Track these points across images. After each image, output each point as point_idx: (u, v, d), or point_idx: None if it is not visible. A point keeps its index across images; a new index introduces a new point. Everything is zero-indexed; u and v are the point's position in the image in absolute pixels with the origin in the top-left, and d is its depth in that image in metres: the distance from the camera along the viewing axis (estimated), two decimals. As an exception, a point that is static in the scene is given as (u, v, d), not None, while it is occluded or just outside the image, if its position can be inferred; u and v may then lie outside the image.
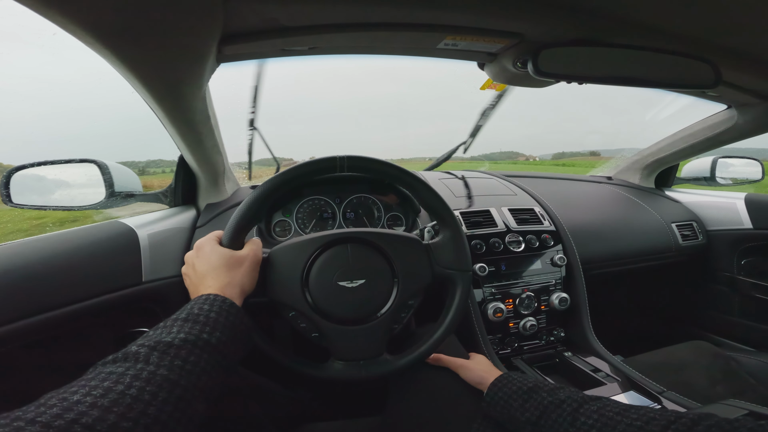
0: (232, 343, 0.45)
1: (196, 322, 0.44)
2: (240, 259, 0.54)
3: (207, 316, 0.45)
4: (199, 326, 0.43)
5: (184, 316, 0.44)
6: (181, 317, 0.44)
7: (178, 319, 0.44)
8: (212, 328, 0.44)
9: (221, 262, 0.53)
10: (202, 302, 0.46)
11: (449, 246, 0.66)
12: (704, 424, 0.40)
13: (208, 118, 0.79)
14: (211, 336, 0.43)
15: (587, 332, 0.99)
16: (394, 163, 0.68)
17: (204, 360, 0.41)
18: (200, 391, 0.39)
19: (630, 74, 0.71)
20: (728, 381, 0.86)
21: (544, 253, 1.03)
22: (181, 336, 0.41)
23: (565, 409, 0.52)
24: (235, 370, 0.47)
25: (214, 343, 0.42)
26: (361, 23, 0.61)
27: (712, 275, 1.35)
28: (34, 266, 0.65)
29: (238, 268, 0.53)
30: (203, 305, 0.46)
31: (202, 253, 0.55)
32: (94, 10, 0.43)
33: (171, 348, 0.39)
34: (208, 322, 0.44)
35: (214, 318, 0.45)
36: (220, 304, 0.47)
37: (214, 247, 0.55)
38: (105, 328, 0.81)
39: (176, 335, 0.41)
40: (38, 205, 0.81)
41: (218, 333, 0.44)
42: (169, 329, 0.42)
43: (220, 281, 0.51)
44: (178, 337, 0.41)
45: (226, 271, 0.52)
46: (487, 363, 0.71)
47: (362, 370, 0.61)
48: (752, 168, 1.43)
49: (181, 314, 0.45)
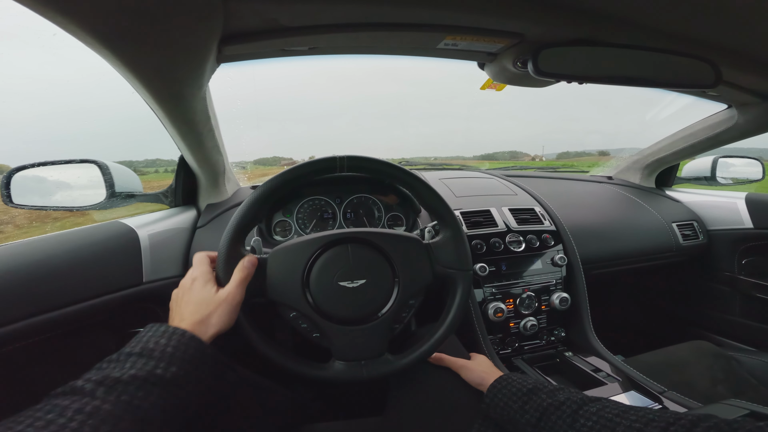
0: (191, 377, 0.44)
1: (151, 357, 0.43)
2: (219, 301, 0.53)
3: (162, 351, 0.44)
4: (153, 362, 0.42)
5: (138, 351, 0.43)
6: (135, 351, 0.43)
7: (132, 353, 0.43)
8: (168, 363, 0.43)
9: (201, 301, 0.53)
10: (159, 336, 0.46)
11: (449, 245, 0.66)
12: (703, 425, 0.40)
13: (209, 119, 0.79)
14: (166, 371, 0.42)
15: (588, 332, 0.99)
16: (395, 162, 0.68)
17: (155, 395, 0.40)
18: (149, 425, 0.39)
19: (630, 74, 0.71)
20: (729, 381, 0.86)
21: (545, 253, 1.03)
22: (131, 372, 0.40)
23: (564, 411, 0.52)
24: (199, 402, 0.46)
25: (168, 378, 0.42)
26: (361, 23, 0.61)
27: (712, 275, 1.35)
28: (35, 267, 0.66)
29: (215, 308, 0.52)
30: (160, 339, 0.45)
31: (192, 290, 0.55)
32: (94, 10, 0.43)
33: (119, 383, 0.39)
34: (164, 357, 0.43)
35: (171, 352, 0.44)
36: (179, 338, 0.46)
37: (202, 286, 0.54)
38: (106, 328, 0.81)
39: (127, 371, 0.40)
40: (39, 206, 0.81)
41: (174, 368, 0.43)
42: (122, 365, 0.42)
43: (194, 318, 0.51)
44: (128, 373, 0.40)
45: (202, 309, 0.52)
46: (488, 363, 0.71)
47: (364, 370, 0.61)
48: (753, 168, 1.43)
49: (135, 348, 0.44)
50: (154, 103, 0.67)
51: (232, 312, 0.53)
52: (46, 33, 0.46)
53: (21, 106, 3.61)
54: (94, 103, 5.27)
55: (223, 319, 0.52)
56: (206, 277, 0.55)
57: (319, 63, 0.76)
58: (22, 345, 0.62)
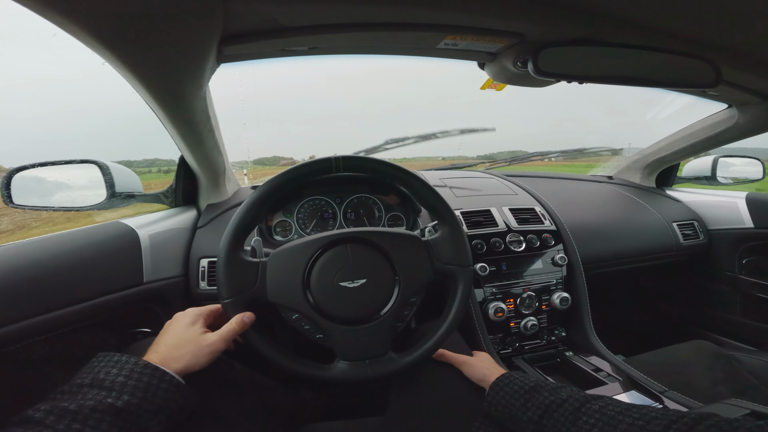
0: (149, 405, 0.45)
1: (101, 387, 0.44)
2: (201, 344, 0.54)
3: (113, 381, 0.45)
4: (104, 392, 0.43)
5: (89, 382, 0.44)
6: (85, 383, 0.44)
7: (83, 385, 0.44)
8: (119, 392, 0.44)
9: (184, 337, 0.54)
10: (111, 366, 0.47)
11: (449, 242, 0.66)
12: (705, 423, 0.40)
13: (209, 119, 0.79)
14: (117, 399, 0.43)
15: (588, 332, 0.99)
16: (395, 162, 0.68)
17: (107, 422, 0.41)
18: None
19: (630, 74, 0.71)
20: (730, 380, 0.86)
21: (545, 253, 1.03)
22: (81, 402, 0.42)
23: (567, 409, 0.52)
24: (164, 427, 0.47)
25: (120, 407, 0.43)
26: (361, 23, 0.61)
27: (713, 274, 1.35)
28: (36, 267, 0.66)
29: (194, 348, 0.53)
30: (111, 369, 0.46)
31: (177, 324, 0.56)
32: (94, 11, 0.43)
33: (67, 413, 0.40)
34: (114, 387, 0.44)
35: (122, 381, 0.45)
36: (131, 367, 0.47)
37: (191, 324, 0.56)
38: (106, 328, 0.81)
39: (78, 402, 0.42)
40: (39, 206, 0.81)
41: (126, 396, 0.44)
42: (74, 396, 0.43)
43: (169, 349, 0.52)
44: (77, 403, 0.41)
45: (182, 345, 0.53)
46: (490, 361, 0.71)
47: (368, 369, 0.61)
48: (753, 167, 1.43)
49: (86, 379, 0.45)
50: (154, 103, 0.67)
51: (209, 357, 0.54)
52: (46, 33, 0.46)
53: (21, 107, 3.60)
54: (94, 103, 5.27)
55: (198, 360, 0.53)
56: (200, 320, 0.57)
57: (319, 63, 0.76)
58: (23, 345, 0.62)
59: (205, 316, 0.58)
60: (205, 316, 0.58)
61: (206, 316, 0.59)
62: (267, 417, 0.68)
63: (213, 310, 0.60)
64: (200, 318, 0.57)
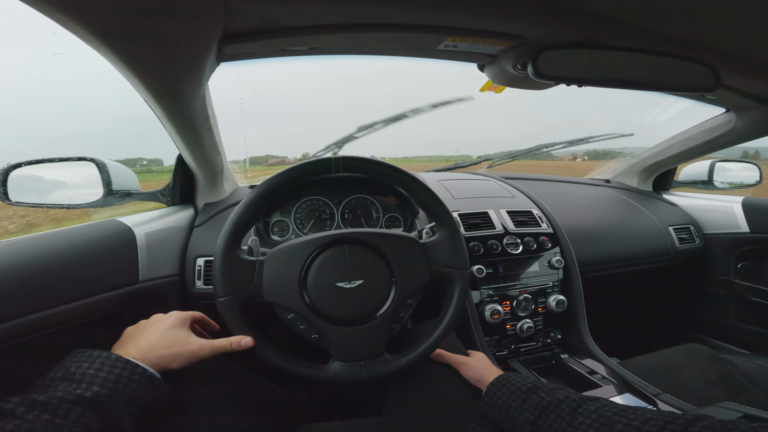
0: (119, 396, 0.46)
1: (72, 380, 0.45)
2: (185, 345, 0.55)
3: (83, 373, 0.46)
4: (74, 384, 0.44)
5: (60, 376, 0.45)
6: (57, 377, 0.45)
7: (55, 378, 0.45)
8: (88, 383, 0.45)
9: (170, 336, 0.55)
10: (83, 360, 0.48)
11: (446, 244, 0.67)
12: (699, 425, 0.40)
13: (208, 118, 0.79)
14: (86, 391, 0.44)
15: (584, 334, 1.00)
16: (395, 162, 0.68)
17: (76, 412, 0.42)
18: None
19: (629, 77, 0.71)
20: (723, 384, 0.87)
21: (542, 256, 1.03)
22: (51, 393, 0.43)
23: (563, 409, 0.52)
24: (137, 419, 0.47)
25: (88, 397, 0.43)
26: (361, 24, 0.61)
27: (708, 278, 1.36)
28: (30, 264, 0.65)
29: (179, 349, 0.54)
30: (83, 363, 0.47)
31: (162, 324, 0.56)
32: (94, 9, 0.43)
33: (37, 403, 0.41)
34: (84, 379, 0.45)
35: (92, 374, 0.46)
36: (103, 360, 0.48)
37: (179, 327, 0.56)
38: (101, 327, 0.80)
39: (48, 394, 0.42)
40: (36, 204, 0.80)
41: (96, 387, 0.45)
42: (44, 389, 0.44)
43: (150, 346, 0.53)
44: (47, 395, 0.42)
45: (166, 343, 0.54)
46: (486, 361, 0.72)
47: (363, 370, 0.61)
48: (749, 172, 1.44)
49: (57, 374, 0.46)
50: (153, 101, 0.66)
51: (189, 360, 0.55)
52: (46, 31, 0.46)
53: (18, 105, 3.58)
54: (93, 102, 5.21)
55: (178, 360, 0.54)
56: (186, 324, 0.58)
57: (320, 63, 0.76)
58: (16, 343, 0.62)
59: (191, 320, 0.59)
60: (191, 320, 0.59)
61: (192, 321, 0.60)
62: (261, 417, 0.67)
63: (195, 316, 0.61)
64: (187, 321, 0.58)
